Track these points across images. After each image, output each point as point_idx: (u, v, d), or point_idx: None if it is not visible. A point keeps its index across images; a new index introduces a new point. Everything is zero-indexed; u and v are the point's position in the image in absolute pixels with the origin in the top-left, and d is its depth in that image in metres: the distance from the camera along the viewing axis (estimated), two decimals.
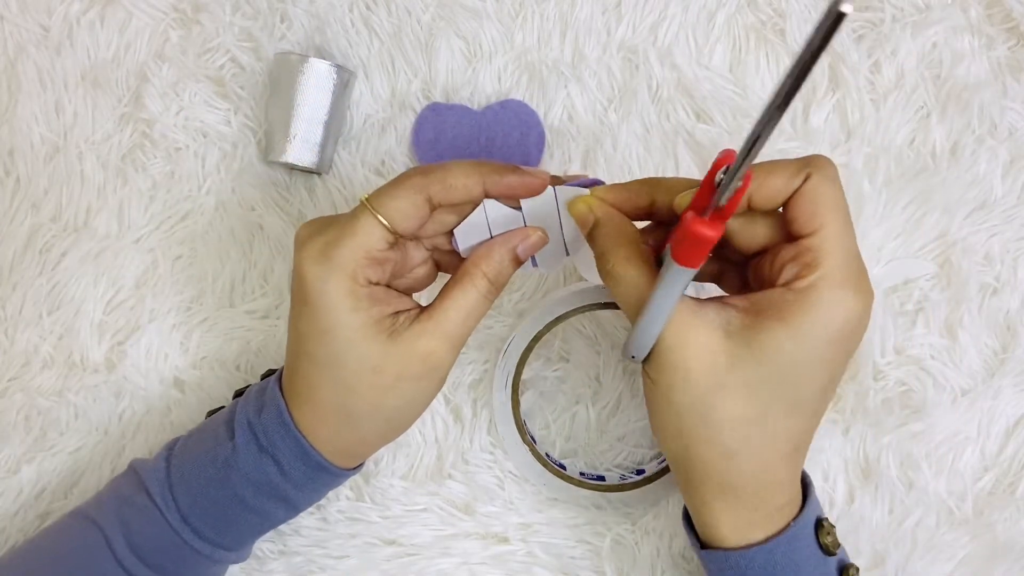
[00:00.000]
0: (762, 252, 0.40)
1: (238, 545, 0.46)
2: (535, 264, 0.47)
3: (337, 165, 0.54)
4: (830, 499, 0.52)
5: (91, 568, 0.44)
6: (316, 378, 0.42)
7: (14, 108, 0.54)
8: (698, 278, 0.40)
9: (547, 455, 0.52)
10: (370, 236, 0.40)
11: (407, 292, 0.45)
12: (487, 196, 0.42)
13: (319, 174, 0.54)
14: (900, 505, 0.51)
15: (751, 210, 0.39)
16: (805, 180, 0.38)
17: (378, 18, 0.54)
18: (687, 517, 0.44)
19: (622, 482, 0.51)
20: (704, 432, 0.39)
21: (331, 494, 0.52)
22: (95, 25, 0.55)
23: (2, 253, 0.54)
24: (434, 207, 0.41)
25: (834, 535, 0.42)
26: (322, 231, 0.41)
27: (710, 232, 0.34)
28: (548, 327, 0.49)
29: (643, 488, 0.50)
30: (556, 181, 0.43)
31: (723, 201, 0.34)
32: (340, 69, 0.51)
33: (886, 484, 0.51)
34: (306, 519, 0.52)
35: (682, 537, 0.51)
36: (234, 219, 0.54)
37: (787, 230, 0.39)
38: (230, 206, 0.54)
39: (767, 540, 0.40)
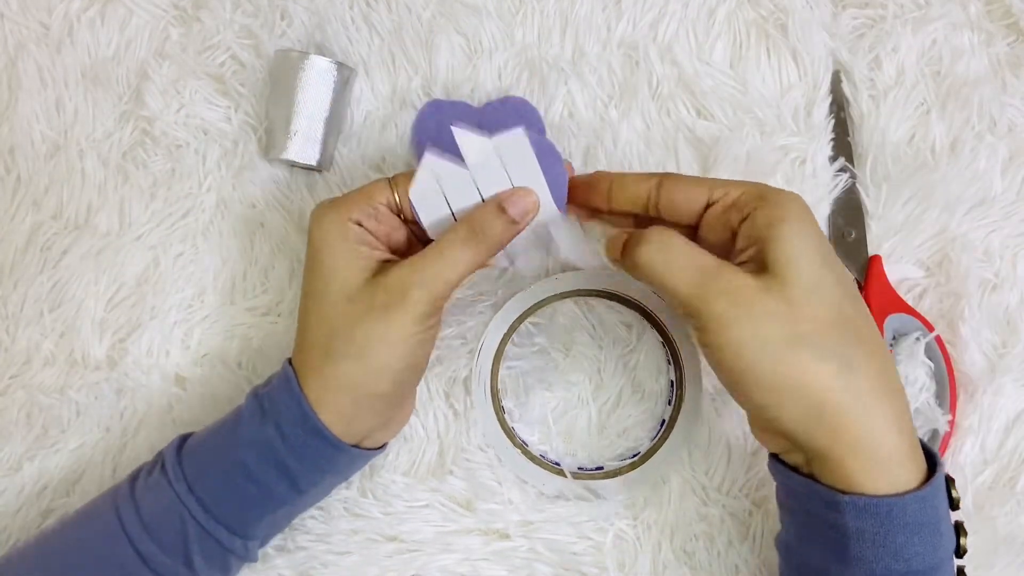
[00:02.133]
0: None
1: (241, 526, 0.45)
2: (511, 263, 0.47)
3: (338, 162, 0.54)
4: None
5: (104, 552, 0.44)
6: (307, 314, 0.45)
7: (15, 106, 0.54)
8: None
9: (542, 455, 0.52)
10: (375, 189, 0.45)
11: None
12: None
13: (320, 171, 0.54)
14: None
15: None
16: (659, 187, 0.44)
17: (378, 15, 0.54)
18: (779, 462, 0.42)
19: (620, 465, 0.51)
20: (811, 361, 0.38)
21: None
22: (95, 23, 0.55)
23: (3, 251, 0.54)
24: None
25: (956, 491, 0.41)
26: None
27: None
28: (513, 327, 0.50)
29: (641, 468, 0.50)
30: None
31: None
32: (341, 66, 0.51)
33: None
34: (308, 511, 0.52)
35: (683, 531, 0.51)
36: (235, 216, 0.54)
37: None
38: (231, 203, 0.54)
39: (920, 487, 0.38)
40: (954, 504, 0.40)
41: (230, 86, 0.54)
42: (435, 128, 0.53)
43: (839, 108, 0.53)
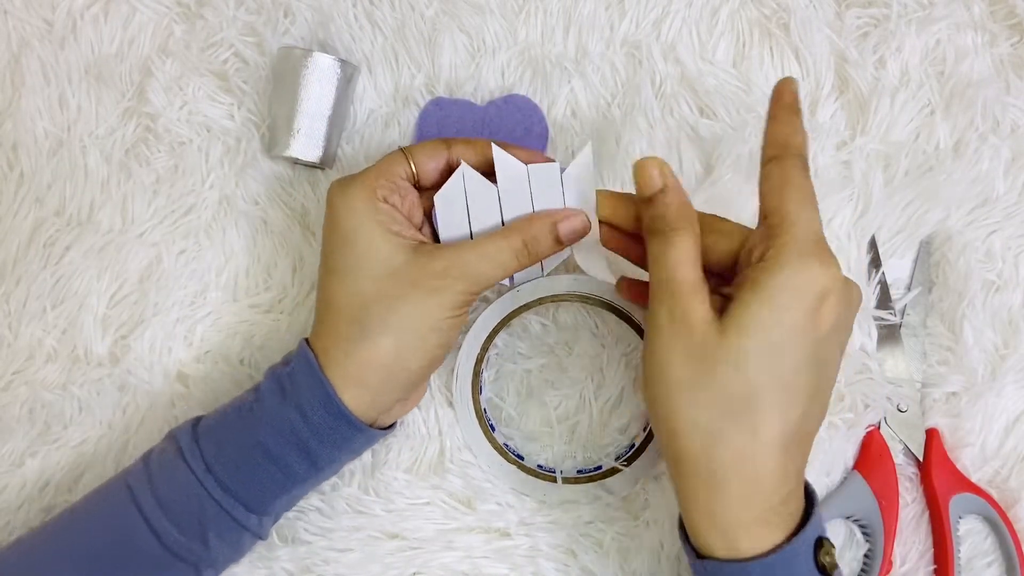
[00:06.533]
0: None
1: (259, 504, 0.45)
2: (511, 282, 0.49)
3: (341, 160, 0.54)
4: (831, 495, 0.52)
5: (117, 530, 0.44)
6: (335, 292, 0.45)
7: (18, 102, 0.54)
8: None
9: (539, 466, 0.52)
10: (393, 163, 0.46)
11: None
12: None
13: (323, 169, 0.54)
14: (900, 498, 0.51)
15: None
16: (769, 161, 0.41)
17: (381, 13, 0.54)
18: (682, 526, 0.42)
19: (613, 465, 0.51)
20: (688, 413, 0.38)
21: (341, 479, 0.52)
22: (99, 19, 0.55)
23: (6, 247, 0.54)
24: (452, 163, 0.47)
25: (833, 555, 0.40)
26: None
27: None
28: (484, 346, 0.50)
29: (634, 465, 0.50)
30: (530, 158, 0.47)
31: None
32: (344, 64, 0.51)
33: None
34: (312, 500, 0.52)
35: None
36: (238, 214, 0.54)
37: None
38: (234, 201, 0.54)
39: (765, 554, 0.38)
40: (822, 570, 0.39)
41: (233, 83, 0.54)
42: (437, 126, 0.53)
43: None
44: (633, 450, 0.51)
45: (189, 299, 0.54)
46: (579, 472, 0.52)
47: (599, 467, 0.52)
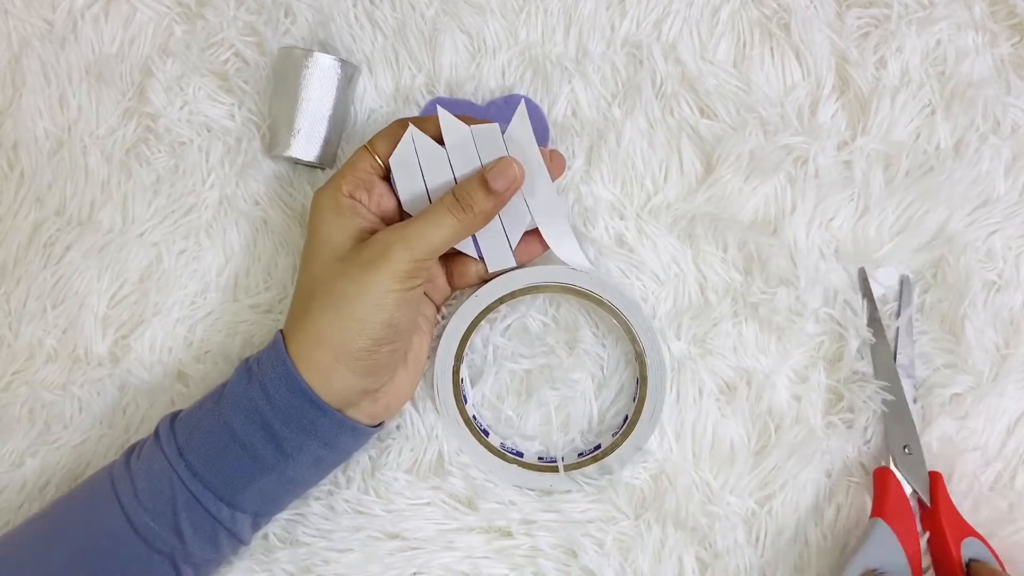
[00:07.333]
0: None
1: (228, 492, 0.45)
2: (481, 256, 0.49)
3: (341, 160, 0.54)
4: (831, 495, 0.52)
5: (96, 519, 0.45)
6: (298, 282, 0.48)
7: (18, 102, 0.54)
8: None
9: (540, 457, 0.52)
10: (358, 160, 0.48)
11: None
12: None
13: (323, 169, 0.54)
14: None
15: None
16: None
17: (382, 13, 0.54)
18: None
19: (616, 437, 0.51)
20: None
21: (341, 479, 0.52)
22: (99, 19, 0.55)
23: (7, 247, 0.54)
24: None
25: None
26: None
27: None
28: (458, 355, 0.51)
29: (632, 435, 0.51)
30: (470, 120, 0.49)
31: None
32: (344, 64, 0.51)
33: None
34: (311, 501, 0.52)
35: (685, 532, 0.51)
36: (238, 214, 0.54)
37: None
38: (234, 200, 0.54)
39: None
40: None
41: (234, 83, 0.54)
42: None
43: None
44: (628, 422, 0.51)
45: (189, 299, 0.54)
46: (580, 456, 0.52)
47: (598, 446, 0.52)
